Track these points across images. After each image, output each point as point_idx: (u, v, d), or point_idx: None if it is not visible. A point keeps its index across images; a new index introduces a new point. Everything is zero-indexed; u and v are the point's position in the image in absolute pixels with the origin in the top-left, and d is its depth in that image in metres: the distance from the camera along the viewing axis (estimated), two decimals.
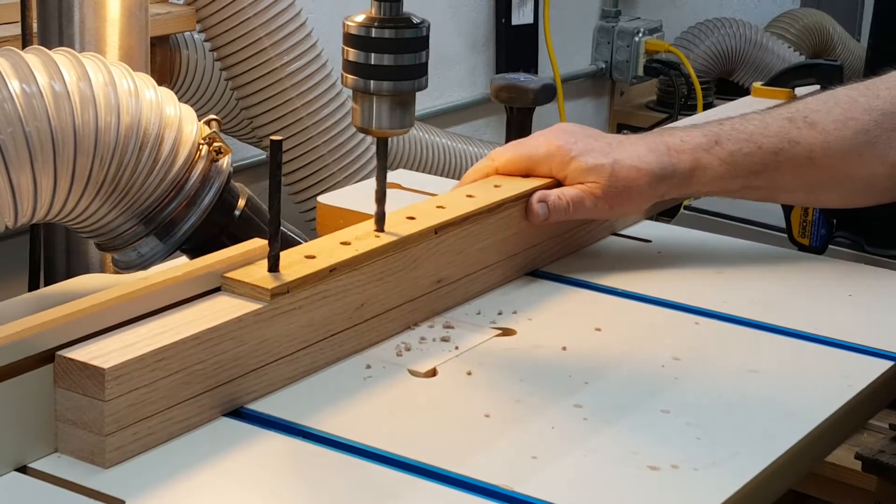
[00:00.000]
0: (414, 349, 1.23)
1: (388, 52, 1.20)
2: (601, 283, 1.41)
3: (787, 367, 1.24)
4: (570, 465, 1.05)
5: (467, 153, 3.03)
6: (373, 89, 1.21)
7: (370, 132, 1.23)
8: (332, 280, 1.17)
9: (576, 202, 1.41)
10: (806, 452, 1.12)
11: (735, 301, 1.37)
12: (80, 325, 1.03)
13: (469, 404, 1.14)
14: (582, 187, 1.41)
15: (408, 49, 1.21)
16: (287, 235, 1.38)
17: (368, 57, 1.20)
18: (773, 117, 1.46)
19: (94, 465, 1.01)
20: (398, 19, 1.21)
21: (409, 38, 1.21)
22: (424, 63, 1.22)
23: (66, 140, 1.18)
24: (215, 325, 1.07)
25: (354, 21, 1.20)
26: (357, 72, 1.21)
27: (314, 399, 1.13)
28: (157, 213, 1.27)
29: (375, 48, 1.20)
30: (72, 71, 1.21)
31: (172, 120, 1.27)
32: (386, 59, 1.20)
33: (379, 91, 1.21)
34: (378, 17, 1.20)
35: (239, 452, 1.05)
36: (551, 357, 1.23)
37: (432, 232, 1.29)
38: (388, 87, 1.21)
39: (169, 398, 1.04)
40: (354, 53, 1.21)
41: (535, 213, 1.40)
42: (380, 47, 1.20)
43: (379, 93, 1.21)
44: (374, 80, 1.21)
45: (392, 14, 1.20)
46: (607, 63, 4.07)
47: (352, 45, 1.21)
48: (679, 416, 1.13)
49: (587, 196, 1.40)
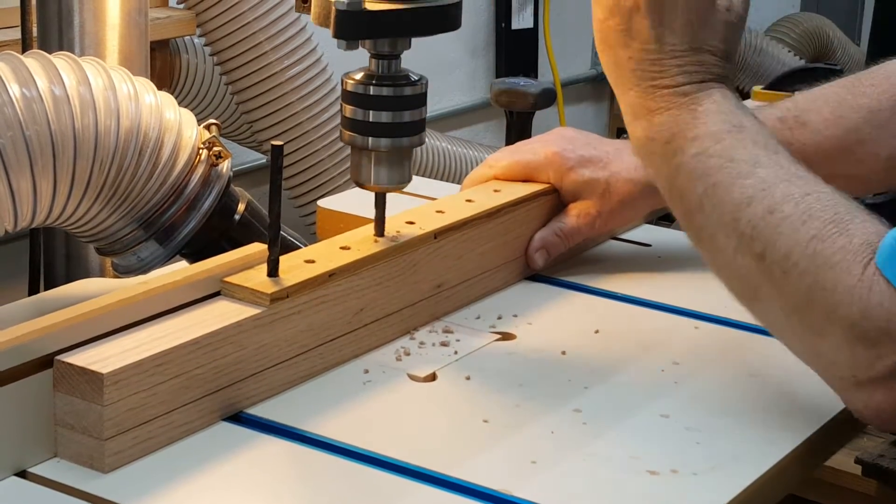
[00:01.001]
0: (413, 354, 1.23)
1: (386, 109, 1.21)
2: (601, 287, 1.41)
3: (787, 372, 1.24)
4: (570, 470, 1.05)
5: (467, 157, 3.04)
6: (371, 146, 1.22)
7: (368, 188, 1.24)
8: (332, 285, 1.17)
9: (573, 233, 1.42)
10: (805, 457, 1.12)
11: (735, 305, 1.36)
12: (79, 329, 1.03)
13: (468, 409, 1.14)
14: (576, 212, 1.42)
15: (406, 106, 1.21)
16: (287, 240, 1.38)
17: (367, 114, 1.21)
18: (765, 119, 1.46)
19: (93, 469, 1.01)
20: (397, 76, 1.21)
21: (408, 96, 1.21)
22: (423, 119, 1.23)
23: (65, 144, 1.19)
24: (215, 329, 1.07)
25: (353, 78, 1.21)
26: (355, 128, 1.21)
27: (314, 403, 1.13)
28: (157, 218, 1.27)
29: (374, 105, 1.21)
30: (71, 75, 1.21)
31: (172, 124, 1.27)
32: (384, 116, 1.21)
33: (377, 147, 1.22)
34: (376, 74, 1.21)
35: (238, 457, 1.05)
36: (551, 361, 1.23)
37: (432, 237, 1.29)
38: (386, 144, 1.22)
39: (168, 402, 1.04)
40: (352, 110, 1.21)
41: (536, 262, 1.41)
42: (378, 105, 1.21)
43: (377, 149, 1.22)
44: (371, 136, 1.21)
45: (391, 71, 1.21)
46: None
47: (350, 103, 1.21)
48: (679, 421, 1.13)
49: (583, 222, 1.42)
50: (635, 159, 1.42)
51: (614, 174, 1.42)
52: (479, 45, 3.64)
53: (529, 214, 1.41)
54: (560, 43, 3.85)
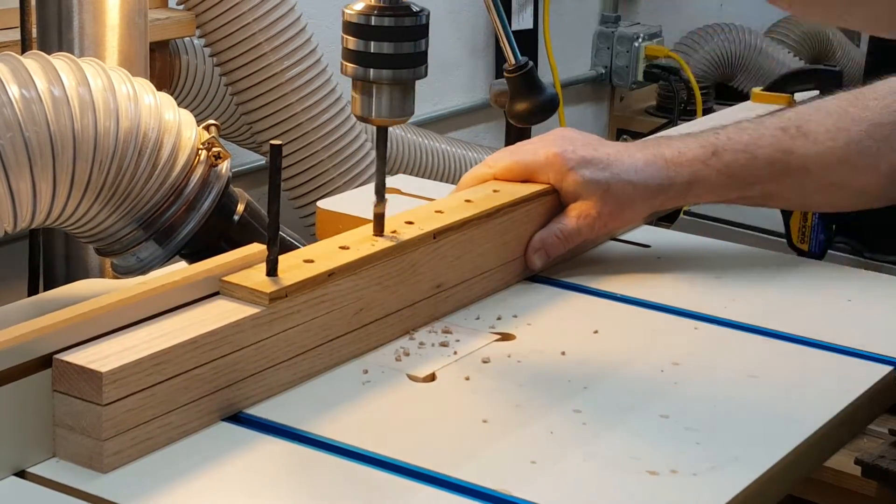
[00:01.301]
0: (413, 354, 1.23)
1: (387, 40, 1.20)
2: (600, 288, 1.41)
3: (787, 372, 1.24)
4: (569, 470, 1.05)
5: (467, 158, 3.04)
6: (372, 77, 1.21)
7: (370, 121, 1.23)
8: (331, 284, 1.17)
9: (572, 235, 1.42)
10: (805, 457, 1.12)
11: (734, 306, 1.37)
12: (78, 329, 1.03)
13: (468, 409, 1.14)
14: (576, 213, 1.41)
15: (407, 37, 1.20)
16: (286, 240, 1.38)
17: (368, 45, 1.20)
18: (766, 127, 1.47)
19: (92, 469, 1.01)
20: (398, 7, 1.20)
21: (409, 27, 1.20)
22: (424, 51, 1.22)
23: (65, 145, 1.19)
24: (213, 329, 1.07)
25: (354, 9, 1.20)
26: (356, 60, 1.20)
27: (313, 404, 1.13)
28: (156, 218, 1.27)
29: (375, 36, 1.20)
30: (71, 76, 1.21)
31: (171, 125, 1.27)
32: (385, 47, 1.20)
33: (378, 79, 1.21)
34: (377, 6, 1.20)
35: (237, 457, 1.05)
36: (550, 362, 1.23)
37: (431, 237, 1.29)
38: (387, 76, 1.21)
39: (167, 402, 1.04)
40: (354, 42, 1.20)
41: (534, 263, 1.41)
42: (379, 35, 1.20)
43: (378, 81, 1.21)
44: (373, 68, 1.20)
45: (391, 2, 1.20)
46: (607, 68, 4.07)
47: (351, 34, 1.20)
48: (678, 421, 1.13)
49: (583, 223, 1.42)
50: (636, 162, 1.43)
51: (615, 175, 1.42)
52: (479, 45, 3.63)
53: (529, 215, 1.41)
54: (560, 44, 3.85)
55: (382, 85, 1.21)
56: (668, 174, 1.43)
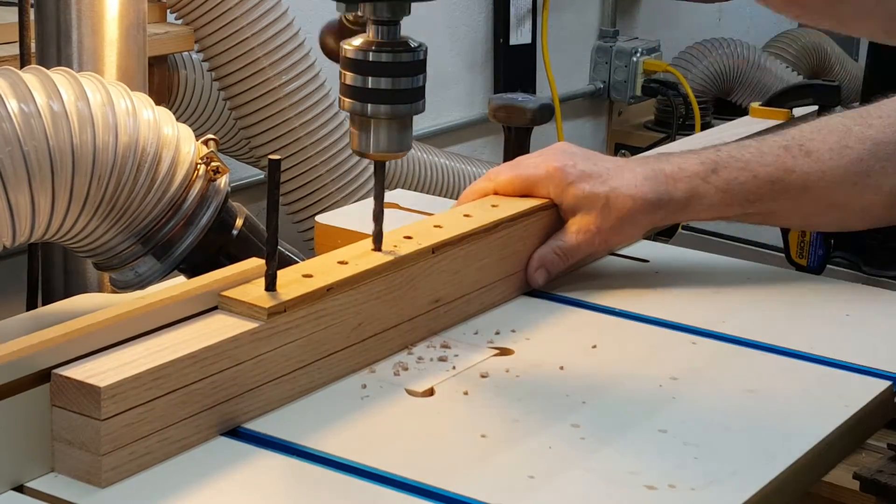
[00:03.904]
0: (411, 369, 1.23)
1: (385, 75, 1.20)
2: (599, 302, 1.41)
3: (785, 387, 1.24)
4: (568, 485, 1.05)
5: (465, 173, 3.04)
6: (370, 113, 1.21)
7: (368, 156, 1.23)
8: (330, 299, 1.17)
9: (572, 251, 1.42)
10: (804, 472, 1.12)
11: (733, 321, 1.37)
12: (77, 344, 1.03)
13: (466, 424, 1.14)
14: (575, 229, 1.42)
15: (405, 73, 1.21)
16: (285, 255, 1.38)
17: (366, 81, 1.20)
18: (769, 145, 1.46)
19: (90, 484, 1.01)
20: (396, 43, 1.21)
21: (407, 62, 1.21)
22: (422, 87, 1.22)
23: (63, 159, 1.19)
24: (212, 343, 1.07)
25: (352, 45, 1.20)
26: (354, 95, 1.21)
27: (311, 418, 1.13)
28: (155, 233, 1.27)
29: (373, 72, 1.20)
30: (70, 91, 1.21)
31: (170, 139, 1.27)
32: (383, 82, 1.21)
33: (376, 115, 1.21)
34: (375, 41, 1.20)
35: (236, 472, 1.05)
36: (548, 377, 1.23)
37: (430, 252, 1.29)
38: (385, 111, 1.21)
39: (166, 417, 1.04)
40: (352, 77, 1.21)
41: (536, 281, 1.42)
42: (377, 71, 1.20)
43: (376, 116, 1.21)
44: (371, 103, 1.21)
45: (389, 37, 1.20)
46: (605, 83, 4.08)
47: (349, 69, 1.21)
48: (676, 436, 1.13)
49: (582, 239, 1.42)
50: (636, 177, 1.43)
51: (614, 189, 1.42)
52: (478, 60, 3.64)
53: (528, 230, 1.41)
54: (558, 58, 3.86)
55: (380, 120, 1.21)
56: (667, 189, 1.43)
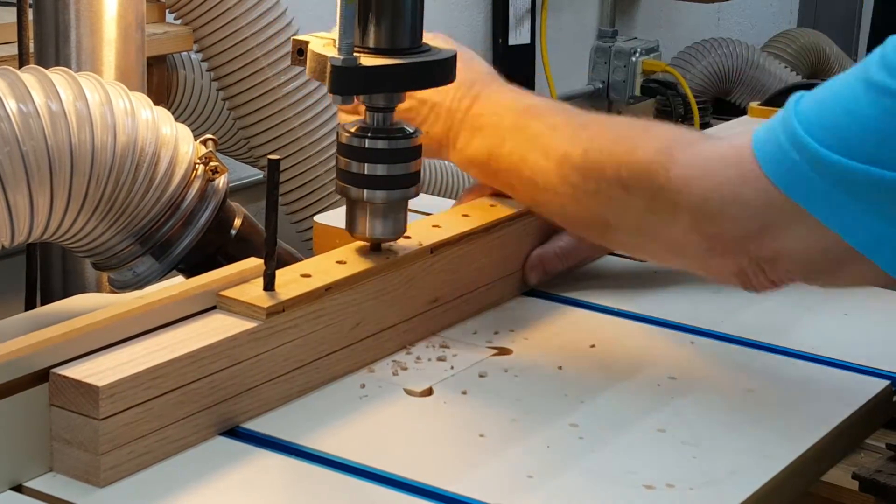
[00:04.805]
0: (410, 368, 1.23)
1: (381, 162, 1.21)
2: (597, 301, 1.41)
3: (784, 387, 1.24)
4: (566, 484, 1.05)
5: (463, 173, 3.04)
6: (366, 198, 1.22)
7: (363, 239, 1.25)
8: (328, 299, 1.17)
9: (572, 252, 1.42)
10: (802, 472, 1.12)
11: (731, 320, 1.37)
12: (76, 343, 1.03)
13: (465, 423, 1.14)
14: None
15: (401, 159, 1.22)
16: (283, 255, 1.38)
17: (362, 167, 1.21)
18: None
19: (88, 484, 1.01)
20: (392, 129, 1.22)
21: (403, 149, 1.22)
22: (417, 172, 1.24)
23: (62, 159, 1.19)
24: (210, 343, 1.07)
25: (348, 130, 1.21)
26: (350, 181, 1.22)
27: (310, 418, 1.13)
28: (153, 233, 1.27)
29: (369, 158, 1.21)
30: (68, 90, 1.21)
31: (168, 139, 1.27)
32: (379, 168, 1.21)
33: (372, 200, 1.22)
34: (371, 127, 1.21)
35: (234, 472, 1.05)
36: (547, 376, 1.23)
37: (428, 251, 1.29)
38: (381, 197, 1.22)
39: (164, 417, 1.04)
40: (345, 163, 1.22)
41: (531, 279, 1.42)
42: (373, 158, 1.21)
43: (372, 201, 1.22)
44: (367, 189, 1.22)
45: (385, 124, 1.21)
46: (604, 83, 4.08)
47: (345, 155, 1.22)
48: (675, 435, 1.13)
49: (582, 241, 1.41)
50: None
51: None
52: None
53: (526, 229, 1.41)
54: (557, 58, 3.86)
55: (376, 205, 1.22)
56: None
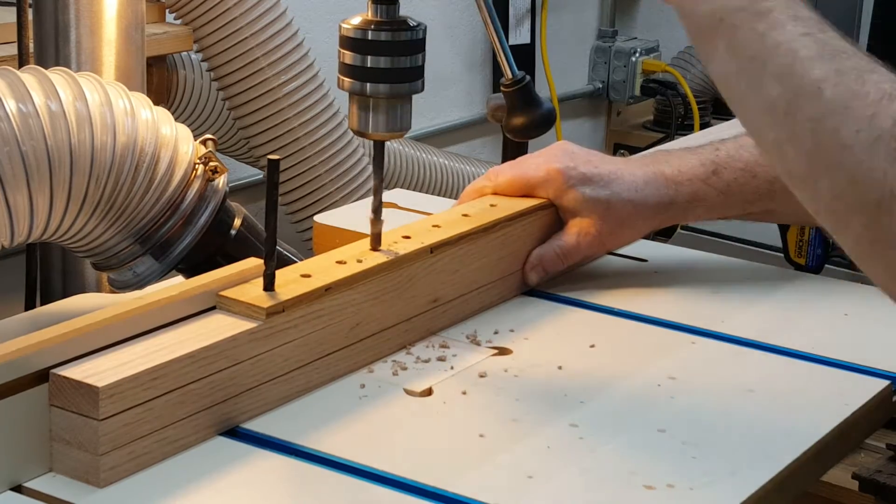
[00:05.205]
0: (410, 368, 1.23)
1: (384, 54, 1.20)
2: (597, 302, 1.41)
3: (784, 387, 1.24)
4: (566, 485, 1.05)
5: (464, 172, 3.04)
6: (369, 92, 1.21)
7: (367, 136, 1.23)
8: (328, 299, 1.17)
9: (572, 252, 1.42)
10: (802, 472, 1.12)
11: (731, 320, 1.37)
12: (75, 344, 1.03)
13: (465, 424, 1.14)
14: (576, 231, 1.42)
15: (404, 52, 1.20)
16: (283, 255, 1.38)
17: (365, 60, 1.20)
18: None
19: (88, 484, 1.01)
20: (395, 22, 1.20)
21: (406, 41, 1.21)
22: (421, 66, 1.22)
23: (62, 159, 1.19)
24: (210, 343, 1.07)
25: (350, 24, 1.20)
26: (353, 74, 1.21)
27: (310, 418, 1.13)
28: (153, 233, 1.27)
29: (372, 51, 1.20)
30: (68, 90, 1.21)
31: (168, 139, 1.27)
32: (382, 61, 1.20)
33: (376, 94, 1.21)
34: (374, 20, 1.20)
35: (234, 472, 1.04)
36: (547, 376, 1.23)
37: (428, 251, 1.29)
38: (384, 90, 1.21)
39: (164, 417, 1.04)
40: (350, 56, 1.21)
41: (530, 279, 1.42)
42: (376, 50, 1.20)
43: (375, 95, 1.21)
44: (370, 82, 1.21)
45: (388, 16, 1.20)
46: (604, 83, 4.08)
47: (348, 48, 1.21)
48: (675, 436, 1.13)
49: (583, 241, 1.41)
50: (636, 181, 1.42)
51: (615, 194, 1.41)
52: (477, 60, 3.64)
53: (526, 229, 1.41)
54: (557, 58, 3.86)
55: (380, 99, 1.21)
56: (668, 193, 1.43)
